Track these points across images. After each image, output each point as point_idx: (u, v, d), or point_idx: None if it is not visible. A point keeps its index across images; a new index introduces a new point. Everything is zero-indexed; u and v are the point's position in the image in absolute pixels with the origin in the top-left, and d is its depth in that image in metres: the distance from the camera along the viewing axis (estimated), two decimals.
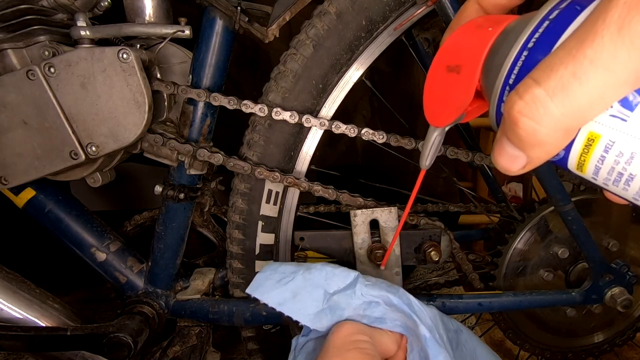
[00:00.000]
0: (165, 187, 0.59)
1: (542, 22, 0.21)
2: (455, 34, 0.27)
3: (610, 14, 0.15)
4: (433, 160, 0.34)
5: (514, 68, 0.21)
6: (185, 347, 0.64)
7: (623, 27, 0.15)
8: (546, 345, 0.74)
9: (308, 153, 0.58)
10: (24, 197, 0.59)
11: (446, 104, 0.28)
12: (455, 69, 0.26)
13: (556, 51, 0.18)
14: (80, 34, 0.49)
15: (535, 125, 0.18)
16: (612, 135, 0.18)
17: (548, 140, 0.18)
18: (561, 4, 0.21)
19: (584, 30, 0.17)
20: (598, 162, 0.19)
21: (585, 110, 0.17)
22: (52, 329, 0.56)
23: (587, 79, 0.16)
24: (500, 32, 0.24)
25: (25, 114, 0.50)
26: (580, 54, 0.16)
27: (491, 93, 0.24)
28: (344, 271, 0.47)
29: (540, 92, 0.17)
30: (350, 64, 0.55)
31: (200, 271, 0.69)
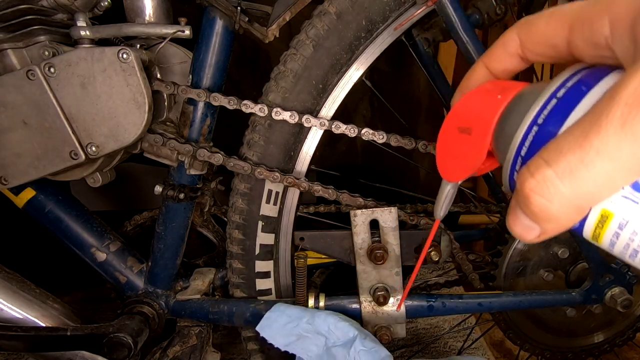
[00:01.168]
0: (165, 187, 0.59)
1: (550, 99, 0.22)
2: (466, 97, 0.28)
3: (613, 111, 0.17)
4: (447, 210, 0.36)
5: (525, 141, 0.23)
6: (185, 347, 0.64)
7: (625, 124, 0.16)
8: (546, 345, 0.74)
9: (308, 153, 0.58)
10: (24, 197, 0.59)
11: (458, 162, 0.29)
12: (466, 130, 0.28)
13: (564, 136, 0.19)
14: (80, 34, 0.49)
15: (547, 202, 0.19)
16: (625, 215, 0.19)
17: (560, 217, 0.19)
18: (567, 82, 0.22)
19: (589, 121, 0.18)
20: (613, 237, 0.20)
21: (593, 194, 0.18)
22: (52, 329, 0.56)
23: (593, 167, 0.17)
24: (510, 100, 0.26)
25: (25, 114, 0.50)
26: (586, 143, 0.17)
27: (503, 160, 0.25)
28: (345, 327, 0.51)
29: (551, 173, 0.19)
30: (350, 64, 0.55)
31: (200, 271, 0.69)
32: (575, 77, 0.22)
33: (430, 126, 1.21)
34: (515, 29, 0.26)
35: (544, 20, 0.24)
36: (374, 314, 0.60)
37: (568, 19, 0.23)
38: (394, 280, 0.59)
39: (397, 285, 0.59)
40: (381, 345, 0.50)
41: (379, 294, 0.58)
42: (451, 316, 1.15)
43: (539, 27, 0.24)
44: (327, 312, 0.53)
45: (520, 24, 0.26)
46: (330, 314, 0.52)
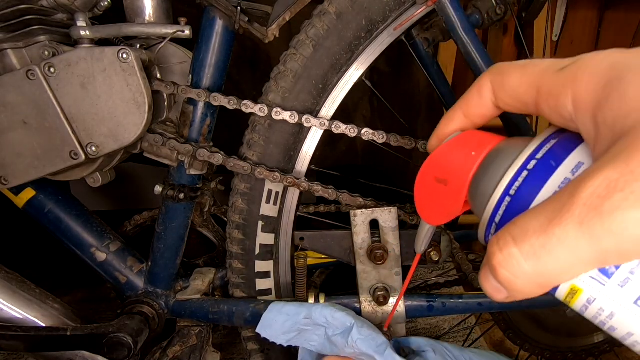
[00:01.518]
0: (165, 187, 0.59)
1: (521, 170, 0.23)
2: (442, 148, 0.29)
3: (573, 209, 0.18)
4: (427, 245, 0.38)
5: (499, 209, 0.24)
6: (185, 347, 0.64)
7: (583, 223, 0.18)
8: (546, 345, 0.74)
9: (308, 153, 0.58)
10: (24, 197, 0.59)
11: (436, 208, 0.31)
12: (443, 181, 0.29)
13: (531, 216, 0.20)
14: (80, 34, 0.49)
15: (512, 277, 0.20)
16: (593, 293, 0.21)
17: (524, 290, 0.21)
18: (538, 152, 0.23)
19: (552, 209, 0.19)
20: (582, 308, 0.22)
21: (555, 276, 0.20)
22: (52, 329, 0.56)
23: (555, 254, 0.19)
24: (483, 158, 0.27)
25: (25, 114, 0.50)
26: (549, 231, 0.19)
27: (479, 214, 0.26)
28: (343, 317, 0.52)
29: (517, 252, 0.20)
30: (350, 64, 0.55)
31: (200, 271, 0.69)
32: (546, 146, 0.23)
33: (430, 126, 1.21)
34: (489, 77, 0.26)
35: (516, 76, 0.25)
36: (374, 314, 0.60)
37: (536, 83, 0.23)
38: (393, 280, 0.59)
39: (397, 285, 0.59)
40: (379, 333, 0.51)
41: (379, 294, 0.58)
42: (451, 316, 1.15)
43: (511, 82, 0.25)
44: (323, 305, 0.54)
45: (493, 73, 0.26)
46: (326, 306, 0.53)
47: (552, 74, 0.22)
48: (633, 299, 0.20)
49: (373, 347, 0.48)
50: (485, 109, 0.28)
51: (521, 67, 0.24)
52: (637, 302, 0.20)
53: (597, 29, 1.36)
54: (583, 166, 0.22)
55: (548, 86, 0.22)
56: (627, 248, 0.17)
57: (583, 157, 0.22)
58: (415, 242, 0.38)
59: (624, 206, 0.17)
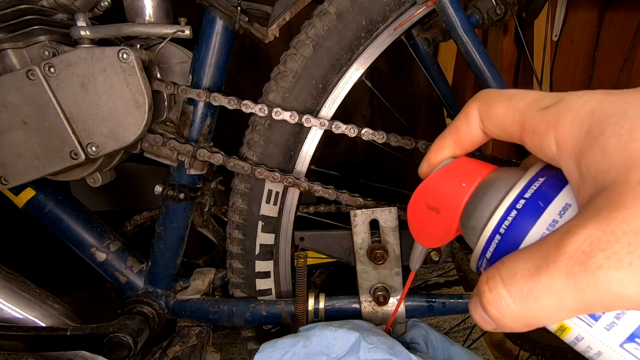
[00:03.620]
0: (165, 187, 0.59)
1: (510, 209, 0.24)
2: (433, 177, 0.30)
3: (559, 261, 0.19)
4: (422, 263, 0.38)
5: (489, 246, 0.25)
6: (185, 347, 0.64)
7: (569, 275, 0.19)
8: (546, 345, 0.74)
9: (308, 153, 0.58)
10: (24, 197, 0.59)
11: (429, 233, 0.31)
12: (434, 209, 0.29)
13: (519, 259, 0.21)
14: (80, 34, 0.49)
15: (500, 316, 0.21)
16: (580, 332, 0.22)
17: (512, 327, 0.22)
18: (527, 190, 0.24)
19: (540, 257, 0.20)
20: (572, 343, 0.23)
21: (541, 319, 0.21)
22: (52, 329, 0.56)
23: (541, 299, 0.20)
24: (474, 190, 0.27)
25: (25, 114, 0.50)
26: (536, 277, 0.20)
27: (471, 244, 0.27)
28: (345, 333, 0.47)
29: (505, 293, 0.21)
30: (350, 64, 0.55)
31: (200, 271, 0.69)
32: (534, 185, 0.24)
33: (430, 126, 1.21)
34: (476, 104, 0.27)
35: (501, 108, 0.25)
36: (374, 314, 0.60)
37: (521, 119, 0.23)
38: (393, 280, 0.59)
39: (397, 285, 0.59)
40: (386, 335, 0.49)
41: (379, 294, 0.58)
42: (451, 316, 1.15)
43: (497, 112, 0.25)
44: (319, 327, 0.49)
45: (480, 101, 0.26)
46: (323, 328, 0.49)
47: (536, 112, 0.23)
48: (619, 342, 0.21)
49: (387, 350, 0.46)
50: (474, 136, 0.28)
51: (506, 100, 0.25)
52: (623, 345, 0.20)
53: (597, 29, 1.35)
54: (570, 208, 0.22)
55: (532, 124, 0.23)
56: (610, 302, 0.18)
57: (569, 198, 0.22)
58: (410, 260, 0.39)
59: (607, 265, 0.18)
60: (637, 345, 0.20)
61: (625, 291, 0.18)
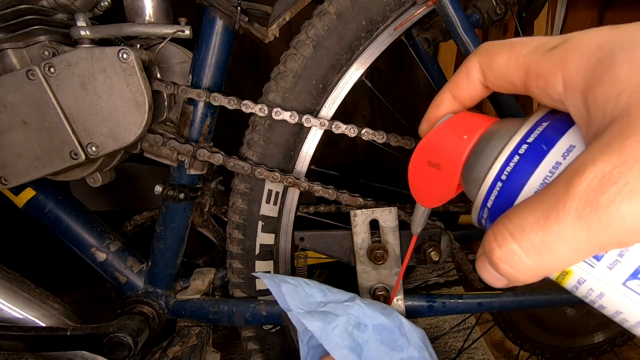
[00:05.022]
0: (165, 187, 0.59)
1: (513, 155, 0.23)
2: (434, 132, 0.29)
3: (569, 204, 0.18)
4: (423, 226, 0.38)
5: (490, 194, 0.24)
6: (185, 347, 0.64)
7: (580, 217, 0.18)
8: (546, 345, 0.74)
9: (308, 153, 0.58)
10: (24, 197, 0.59)
11: (431, 191, 0.30)
12: (435, 165, 0.29)
13: (526, 210, 0.20)
14: (80, 34, 0.49)
15: (514, 272, 0.21)
16: (582, 275, 0.21)
17: (525, 280, 0.22)
18: (530, 135, 0.23)
19: (548, 203, 0.19)
20: (573, 288, 0.23)
21: (555, 267, 0.20)
22: (52, 329, 0.56)
23: (555, 248, 0.19)
24: (475, 142, 0.27)
25: (25, 114, 0.50)
26: (547, 227, 0.19)
27: (472, 197, 0.26)
28: (341, 292, 0.50)
29: (517, 248, 0.20)
30: (350, 64, 0.55)
31: (200, 271, 0.69)
32: (537, 129, 0.23)
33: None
34: (477, 57, 0.26)
35: (504, 56, 0.24)
36: None
37: (525, 64, 0.23)
38: (393, 280, 0.59)
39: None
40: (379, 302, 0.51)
41: (379, 294, 0.58)
42: (451, 316, 1.15)
43: (499, 62, 0.24)
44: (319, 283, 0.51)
45: (481, 54, 0.26)
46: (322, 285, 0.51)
47: (541, 55, 0.22)
48: (621, 280, 0.20)
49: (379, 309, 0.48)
50: (474, 90, 0.27)
51: (509, 48, 0.24)
52: (626, 283, 0.20)
53: None
54: (574, 149, 0.21)
55: (537, 67, 0.22)
56: (625, 238, 0.18)
57: (574, 140, 0.22)
58: (411, 224, 0.37)
59: (619, 199, 0.17)
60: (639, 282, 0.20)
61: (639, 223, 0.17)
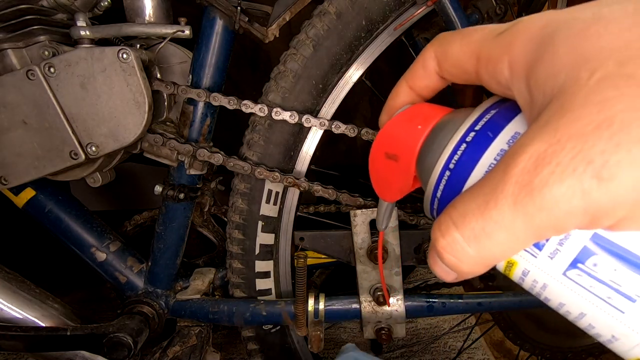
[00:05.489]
0: (165, 187, 0.59)
1: (460, 143, 0.23)
2: (390, 124, 0.29)
3: (506, 188, 0.18)
4: (389, 222, 0.37)
5: (440, 184, 0.24)
6: (185, 347, 0.64)
7: (516, 202, 0.17)
8: (546, 345, 0.74)
9: (308, 153, 0.58)
10: (24, 197, 0.59)
11: (390, 185, 0.30)
12: (393, 157, 0.28)
13: (468, 198, 0.20)
14: (80, 34, 0.49)
15: (457, 261, 0.20)
16: (527, 266, 0.21)
17: (470, 271, 0.21)
18: (477, 123, 0.23)
19: (488, 190, 0.19)
20: (520, 280, 0.22)
21: (497, 256, 0.20)
22: (52, 329, 0.56)
23: (494, 236, 0.19)
24: (429, 132, 0.26)
25: (25, 114, 0.50)
26: (487, 213, 0.18)
27: (425, 189, 0.26)
28: None
29: (458, 237, 0.20)
30: (350, 64, 0.55)
31: (200, 271, 0.69)
32: (485, 117, 0.23)
33: None
34: (433, 47, 0.26)
35: (457, 44, 0.24)
36: (373, 314, 0.60)
37: (476, 51, 0.23)
38: (393, 280, 0.59)
39: (397, 285, 0.59)
40: None
41: (378, 294, 0.58)
42: (451, 316, 1.15)
43: (453, 51, 0.24)
44: None
45: (437, 43, 0.26)
46: None
47: (491, 40, 0.22)
48: (561, 270, 0.20)
49: None
50: (430, 81, 0.27)
51: (462, 36, 0.24)
52: (566, 273, 0.20)
53: None
54: (519, 136, 0.21)
55: (486, 52, 0.22)
56: (560, 223, 0.17)
57: (520, 126, 0.21)
58: (377, 220, 0.37)
59: (552, 181, 0.16)
60: (579, 272, 0.19)
61: (570, 205, 0.16)
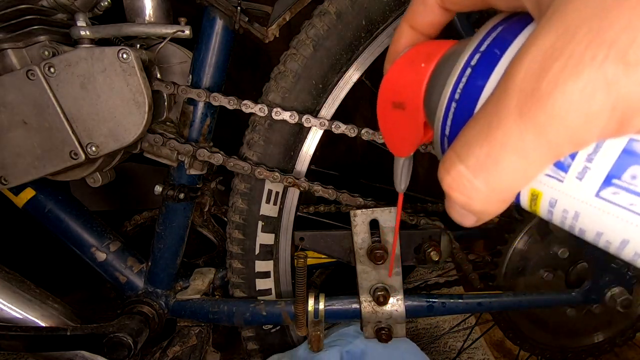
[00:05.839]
0: (165, 187, 0.59)
1: (465, 68, 0.20)
2: (392, 69, 0.26)
3: (509, 100, 0.15)
4: (408, 182, 0.34)
5: (447, 119, 0.21)
6: (185, 347, 0.64)
7: (523, 114, 0.15)
8: (546, 345, 0.74)
9: (308, 153, 0.58)
10: (24, 197, 0.59)
11: (402, 137, 0.28)
12: (400, 105, 0.26)
13: (472, 125, 0.17)
14: (80, 34, 0.49)
15: (467, 199, 0.18)
16: (553, 194, 0.18)
17: (485, 210, 0.18)
18: (483, 43, 0.20)
19: (491, 109, 0.16)
20: (548, 214, 0.19)
21: (510, 186, 0.17)
22: (52, 329, 0.56)
23: (502, 162, 0.16)
24: (433, 69, 0.24)
25: (25, 114, 0.50)
26: (491, 137, 0.16)
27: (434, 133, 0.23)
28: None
29: (464, 170, 0.17)
30: (350, 64, 0.55)
31: (200, 271, 0.69)
32: (491, 35, 0.20)
33: None
34: None
35: None
36: (373, 314, 0.60)
37: None
38: (393, 280, 0.59)
39: (397, 285, 0.59)
40: None
41: (378, 294, 0.58)
42: (451, 316, 1.15)
43: None
44: None
45: None
46: None
47: None
48: (594, 190, 0.17)
49: None
50: (433, 15, 0.25)
51: None
52: (600, 193, 0.16)
53: None
54: None
55: None
56: (582, 131, 0.14)
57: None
58: (394, 181, 0.34)
59: (565, 77, 0.14)
60: (615, 189, 0.16)
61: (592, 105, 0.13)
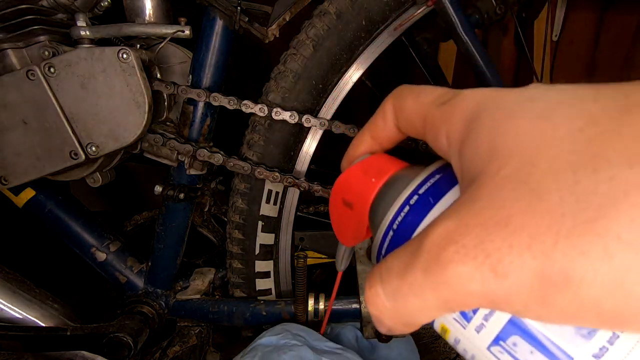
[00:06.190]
0: (165, 187, 0.59)
1: (404, 205, 0.23)
2: (348, 173, 0.29)
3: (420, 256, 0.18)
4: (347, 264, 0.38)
5: (384, 242, 0.24)
6: (185, 347, 0.64)
7: (426, 272, 0.18)
8: None
9: (308, 153, 0.58)
10: (24, 197, 0.59)
11: (347, 230, 0.31)
12: (349, 205, 0.29)
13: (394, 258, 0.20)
14: (80, 34, 0.49)
15: (379, 315, 0.21)
16: (457, 335, 0.21)
17: (393, 327, 0.21)
18: (421, 187, 0.23)
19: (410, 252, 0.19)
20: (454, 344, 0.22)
21: (412, 318, 0.20)
22: (52, 329, 0.56)
23: (408, 299, 0.19)
24: (380, 187, 0.27)
25: (25, 114, 0.50)
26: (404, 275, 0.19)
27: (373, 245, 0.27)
28: None
29: (381, 291, 0.20)
30: (350, 64, 0.55)
31: (200, 271, 0.69)
32: (430, 181, 0.23)
33: None
34: (392, 100, 0.26)
35: (410, 101, 0.24)
36: None
37: (423, 114, 0.23)
38: None
39: None
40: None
41: None
42: None
43: (407, 107, 0.24)
44: None
45: (395, 96, 0.26)
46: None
47: (435, 108, 0.22)
48: (486, 344, 0.20)
49: None
50: (389, 132, 0.27)
51: (416, 94, 0.24)
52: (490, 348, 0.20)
53: (597, 29, 1.35)
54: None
55: (431, 119, 0.22)
56: (462, 299, 0.18)
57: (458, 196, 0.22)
58: (336, 261, 0.38)
59: (456, 259, 0.17)
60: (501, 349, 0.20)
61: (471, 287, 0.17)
